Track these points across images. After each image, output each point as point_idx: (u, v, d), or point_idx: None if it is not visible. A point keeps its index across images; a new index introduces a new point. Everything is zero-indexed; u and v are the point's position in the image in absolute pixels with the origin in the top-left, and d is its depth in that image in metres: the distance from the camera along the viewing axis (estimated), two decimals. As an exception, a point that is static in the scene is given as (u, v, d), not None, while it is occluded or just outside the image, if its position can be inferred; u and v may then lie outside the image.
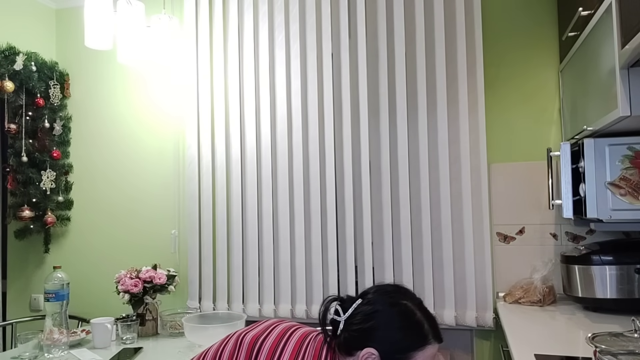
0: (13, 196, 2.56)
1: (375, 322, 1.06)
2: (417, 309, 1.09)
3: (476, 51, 2.25)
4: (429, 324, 1.08)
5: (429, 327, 1.07)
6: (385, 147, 2.33)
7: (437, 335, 1.09)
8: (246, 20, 2.51)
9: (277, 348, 1.07)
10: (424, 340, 1.06)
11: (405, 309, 1.08)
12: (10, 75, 2.42)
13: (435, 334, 1.08)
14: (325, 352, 1.10)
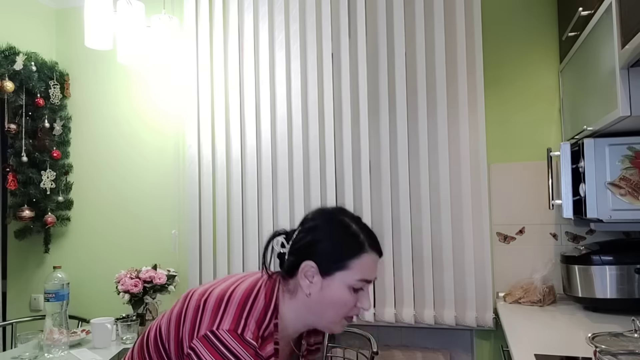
0: (13, 196, 2.56)
1: (312, 236, 1.08)
2: (354, 222, 1.09)
3: (476, 51, 2.25)
4: (366, 235, 1.08)
5: (365, 237, 1.07)
6: (385, 147, 2.33)
7: (374, 246, 1.08)
8: (246, 20, 2.51)
9: (225, 294, 1.06)
10: (360, 249, 1.06)
11: (341, 222, 1.09)
12: (10, 75, 2.42)
13: (372, 244, 1.08)
14: (276, 289, 1.11)
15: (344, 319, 1.08)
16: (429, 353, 2.31)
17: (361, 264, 1.06)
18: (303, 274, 1.06)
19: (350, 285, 1.05)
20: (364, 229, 1.10)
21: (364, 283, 1.06)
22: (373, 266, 1.08)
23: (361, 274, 1.05)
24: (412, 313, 2.27)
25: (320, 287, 1.06)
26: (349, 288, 1.05)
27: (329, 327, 1.09)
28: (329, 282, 1.05)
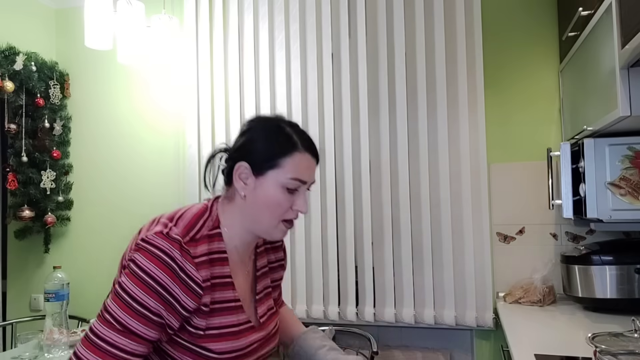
0: (13, 196, 2.56)
1: (246, 137, 1.09)
2: (289, 126, 1.09)
3: (476, 51, 2.25)
4: (299, 137, 1.08)
5: (299, 138, 1.07)
6: (385, 147, 2.33)
7: (308, 147, 1.08)
8: (246, 20, 2.51)
9: (175, 215, 1.06)
10: (292, 148, 1.05)
11: (275, 124, 1.09)
12: (10, 75, 2.42)
13: (305, 145, 1.07)
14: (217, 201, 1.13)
15: (281, 222, 1.07)
16: (429, 353, 2.31)
17: (293, 162, 1.05)
18: (237, 176, 1.06)
19: (283, 184, 1.04)
20: (299, 132, 1.10)
21: (297, 183, 1.05)
22: (307, 167, 1.07)
23: (293, 172, 1.05)
24: (412, 313, 2.27)
25: (254, 188, 1.05)
26: (282, 187, 1.04)
27: (269, 231, 1.08)
28: (262, 181, 1.05)
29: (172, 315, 0.96)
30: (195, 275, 0.97)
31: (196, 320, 1.00)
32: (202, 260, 1.00)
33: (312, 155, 1.09)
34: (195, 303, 0.98)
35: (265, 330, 1.13)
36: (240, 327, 1.06)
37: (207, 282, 1.00)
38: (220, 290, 1.04)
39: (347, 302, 2.36)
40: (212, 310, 1.02)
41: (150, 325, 0.93)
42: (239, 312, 1.06)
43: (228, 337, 1.03)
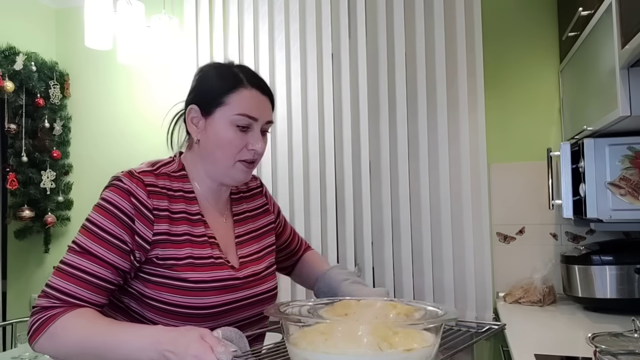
0: (13, 196, 2.56)
1: (195, 81, 1.12)
2: (237, 67, 1.10)
3: (476, 51, 2.25)
4: (245, 74, 1.08)
5: (245, 76, 1.07)
6: (385, 147, 2.33)
7: (255, 83, 1.07)
8: (246, 20, 2.50)
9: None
10: (238, 84, 1.05)
11: (224, 65, 1.11)
12: (10, 75, 2.42)
13: (252, 81, 1.07)
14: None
15: (239, 163, 1.07)
16: (429, 353, 2.31)
17: (240, 98, 1.05)
18: (190, 120, 1.09)
19: (232, 121, 1.04)
20: (246, 71, 1.09)
21: (246, 119, 1.05)
22: (255, 103, 1.06)
23: (239, 108, 1.04)
24: (412, 313, 2.27)
25: (204, 129, 1.07)
26: (231, 125, 1.04)
27: (227, 173, 1.08)
28: (211, 121, 1.06)
29: (132, 239, 0.99)
30: (146, 201, 1.01)
31: (161, 251, 1.00)
32: (156, 191, 1.03)
33: (261, 91, 1.08)
34: (148, 230, 1.00)
35: (246, 270, 1.11)
36: (215, 260, 1.05)
37: (163, 212, 1.02)
38: (187, 224, 1.05)
39: (347, 302, 2.36)
40: (179, 242, 1.02)
41: (113, 249, 0.97)
42: (213, 247, 1.07)
43: (202, 268, 1.02)
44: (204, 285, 1.01)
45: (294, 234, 1.39)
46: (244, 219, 1.20)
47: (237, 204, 1.21)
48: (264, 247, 1.20)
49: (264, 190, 1.30)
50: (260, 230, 1.22)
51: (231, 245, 1.13)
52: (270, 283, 1.15)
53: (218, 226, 1.12)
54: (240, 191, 1.23)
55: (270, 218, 1.26)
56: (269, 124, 1.10)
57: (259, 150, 1.07)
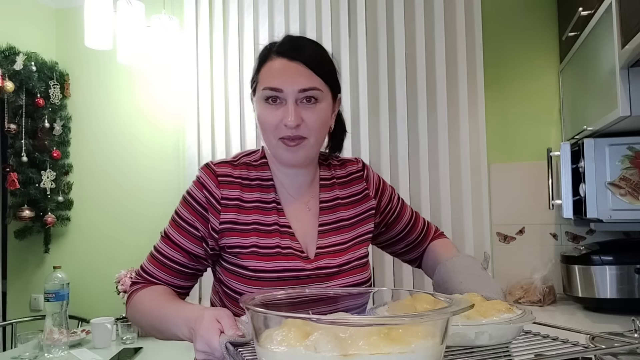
0: (13, 196, 2.56)
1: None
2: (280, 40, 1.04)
3: (476, 51, 2.25)
4: (279, 44, 1.01)
5: (276, 46, 1.01)
6: (385, 147, 2.33)
7: (283, 50, 1.00)
8: (246, 20, 2.50)
9: None
10: (265, 57, 1.02)
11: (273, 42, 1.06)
12: (10, 75, 2.42)
13: (280, 49, 1.00)
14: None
15: (279, 141, 0.99)
16: (429, 353, 2.31)
17: (266, 71, 1.00)
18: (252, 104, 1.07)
19: (262, 97, 0.99)
20: (284, 40, 1.03)
21: (271, 92, 0.98)
22: (279, 71, 0.98)
23: (265, 82, 0.99)
24: (412, 313, 2.27)
25: (255, 111, 1.04)
26: (263, 102, 0.99)
27: (275, 154, 1.03)
28: (255, 101, 1.03)
29: (205, 227, 1.02)
30: (214, 192, 1.02)
31: (228, 240, 1.01)
32: (229, 181, 1.04)
33: (288, 58, 0.99)
34: (216, 219, 1.01)
35: (319, 262, 1.03)
36: (282, 250, 1.02)
37: (233, 201, 1.02)
38: (258, 213, 1.04)
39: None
40: (246, 231, 1.02)
41: (188, 236, 1.03)
42: (284, 237, 1.03)
43: (265, 257, 1.00)
44: (264, 275, 0.99)
45: (414, 223, 1.23)
46: (334, 206, 1.10)
47: (327, 191, 1.12)
48: (355, 236, 1.10)
49: (365, 174, 1.17)
50: (354, 218, 1.11)
51: (312, 235, 1.06)
52: (354, 277, 1.06)
53: (298, 214, 1.07)
54: (334, 177, 1.14)
55: (370, 204, 1.14)
56: (308, 92, 0.98)
57: (290, 124, 0.96)
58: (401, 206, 1.22)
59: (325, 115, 1.01)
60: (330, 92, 1.03)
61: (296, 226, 1.06)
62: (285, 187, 1.08)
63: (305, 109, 0.98)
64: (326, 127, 1.04)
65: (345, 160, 1.18)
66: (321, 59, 1.02)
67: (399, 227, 1.21)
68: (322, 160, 1.15)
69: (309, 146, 1.00)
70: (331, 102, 1.04)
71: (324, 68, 1.01)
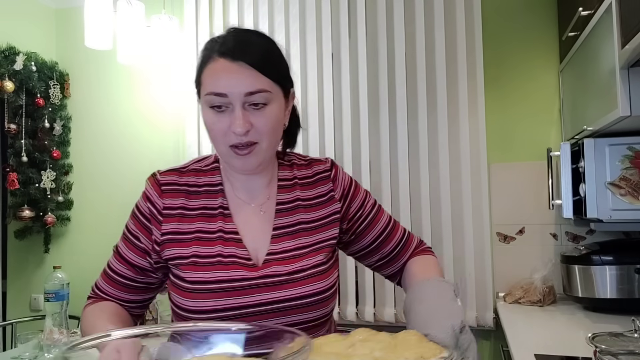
0: (13, 196, 2.56)
1: None
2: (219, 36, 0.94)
3: (476, 51, 2.25)
4: (220, 42, 0.91)
5: (217, 42, 0.92)
6: (385, 147, 2.33)
7: (224, 51, 0.90)
8: (246, 20, 2.50)
9: None
10: (208, 57, 0.92)
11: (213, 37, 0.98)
12: (10, 75, 2.42)
13: (222, 49, 0.90)
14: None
15: (230, 149, 0.92)
16: (429, 353, 2.31)
17: (208, 74, 0.91)
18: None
19: (207, 103, 0.91)
20: (225, 36, 0.93)
21: (215, 98, 0.89)
22: (222, 74, 0.89)
23: (208, 86, 0.90)
24: (412, 313, 2.27)
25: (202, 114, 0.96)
26: (208, 107, 0.91)
27: (227, 162, 0.96)
28: (201, 105, 0.94)
29: (149, 239, 0.99)
30: (156, 202, 1.00)
31: (168, 251, 0.97)
32: (173, 189, 1.01)
33: (231, 58, 0.89)
34: (158, 230, 0.98)
35: (267, 270, 0.94)
36: (224, 259, 0.94)
37: (175, 210, 0.99)
38: (202, 220, 0.98)
39: (347, 302, 2.36)
40: (187, 240, 0.96)
41: (134, 249, 1.01)
42: (228, 244, 0.96)
43: (204, 267, 0.93)
44: (203, 286, 0.92)
45: (390, 233, 1.08)
46: (293, 209, 1.01)
47: (286, 192, 1.03)
48: (315, 242, 0.99)
49: (332, 174, 1.06)
50: (316, 222, 1.01)
51: (264, 241, 0.98)
52: (309, 286, 0.94)
53: (250, 219, 1.00)
54: (296, 177, 1.05)
55: (335, 207, 1.03)
56: (255, 95, 0.89)
57: (239, 131, 0.88)
58: (375, 213, 1.08)
59: (276, 116, 0.93)
60: (281, 90, 0.95)
61: (245, 232, 0.98)
62: (238, 191, 1.02)
63: (254, 112, 0.90)
64: (279, 128, 0.97)
65: (313, 159, 1.09)
66: (268, 57, 0.93)
67: (370, 237, 1.07)
68: (283, 160, 1.08)
69: (261, 151, 0.93)
70: (283, 100, 0.96)
71: (272, 66, 0.92)
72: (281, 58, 0.97)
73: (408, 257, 1.09)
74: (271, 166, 1.04)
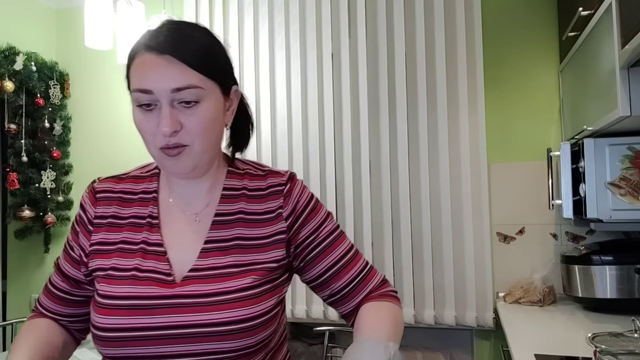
0: (13, 196, 2.56)
1: None
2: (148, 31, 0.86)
3: (476, 51, 2.25)
4: (146, 37, 0.84)
5: (143, 39, 0.84)
6: (385, 147, 2.33)
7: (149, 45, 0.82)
8: (246, 20, 2.51)
9: None
10: (134, 52, 0.84)
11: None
12: (10, 75, 2.42)
13: (147, 43, 0.82)
14: None
15: (160, 151, 0.84)
16: (429, 353, 2.31)
17: (134, 69, 0.83)
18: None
19: (134, 100, 0.83)
20: (151, 31, 0.85)
21: (141, 95, 0.81)
22: (147, 69, 0.81)
23: (134, 82, 0.83)
24: (412, 313, 2.27)
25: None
26: (136, 107, 0.84)
27: (160, 165, 0.89)
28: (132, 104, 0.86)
29: (81, 250, 0.93)
30: (89, 211, 0.94)
31: (92, 262, 0.90)
32: (106, 197, 0.94)
33: (157, 52, 0.81)
34: (87, 240, 0.92)
35: (185, 289, 0.84)
36: (139, 273, 0.86)
37: (106, 219, 0.92)
38: (129, 230, 0.90)
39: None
40: (109, 251, 0.89)
41: (70, 260, 0.96)
42: (148, 257, 0.87)
43: (117, 281, 0.85)
44: (113, 302, 0.83)
45: (345, 267, 0.93)
46: (232, 221, 0.90)
47: (229, 202, 0.92)
48: (252, 262, 0.88)
49: (285, 189, 0.93)
50: (257, 240, 0.90)
51: (192, 254, 0.87)
52: (233, 312, 0.82)
53: (182, 230, 0.90)
54: (245, 188, 0.94)
55: (280, 227, 0.91)
56: (183, 91, 0.81)
57: (165, 132, 0.80)
58: (331, 242, 0.94)
59: (211, 115, 0.84)
60: (217, 86, 0.86)
61: (173, 244, 0.89)
62: (175, 197, 0.93)
63: (184, 111, 0.82)
64: (215, 129, 0.87)
65: (272, 172, 0.97)
66: (201, 50, 0.84)
67: (320, 268, 0.94)
68: (236, 168, 0.97)
69: (194, 153, 0.84)
70: (221, 98, 0.87)
71: (203, 60, 0.83)
72: (218, 52, 0.89)
73: (363, 297, 0.94)
74: (214, 171, 0.94)
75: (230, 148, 1.00)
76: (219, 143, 0.93)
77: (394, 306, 0.93)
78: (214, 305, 0.82)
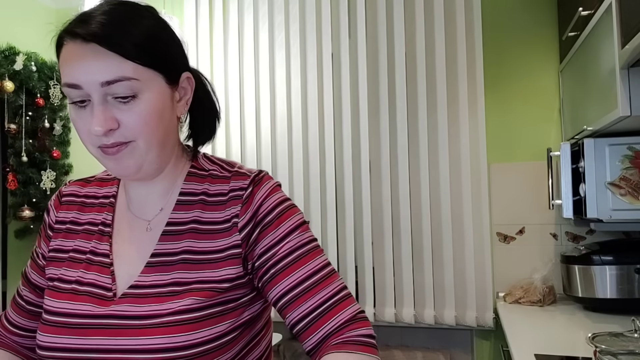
0: (13, 196, 2.56)
1: None
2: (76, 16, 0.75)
3: (476, 51, 2.25)
4: (71, 22, 0.73)
5: (69, 24, 0.73)
6: (385, 147, 2.33)
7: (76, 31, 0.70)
8: (246, 20, 2.51)
9: None
10: (60, 40, 0.74)
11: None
12: (10, 75, 2.42)
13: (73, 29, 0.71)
14: None
15: (98, 150, 0.73)
16: (429, 353, 2.31)
17: (62, 61, 0.73)
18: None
19: (67, 96, 0.73)
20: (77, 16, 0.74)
21: (71, 90, 0.71)
22: (75, 60, 0.70)
23: (63, 76, 0.72)
24: (412, 313, 2.27)
25: None
26: (70, 103, 0.73)
27: (104, 166, 0.77)
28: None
29: (42, 255, 0.87)
30: (51, 216, 0.88)
31: (47, 270, 0.85)
32: (70, 201, 0.88)
33: (83, 39, 0.69)
34: (47, 245, 0.87)
35: (119, 307, 0.74)
36: (78, 287, 0.78)
37: (65, 225, 0.86)
38: (83, 237, 0.83)
39: (347, 302, 2.36)
40: (62, 260, 0.83)
41: (35, 267, 0.89)
42: (91, 268, 0.79)
43: (59, 294, 0.78)
44: (51, 318, 0.77)
45: (306, 293, 0.75)
46: (183, 232, 0.79)
47: (183, 210, 0.81)
48: (196, 280, 0.75)
49: (245, 194, 0.79)
50: (206, 255, 0.77)
51: (137, 268, 0.78)
52: (163, 337, 0.70)
53: (134, 239, 0.81)
54: (205, 192, 0.81)
55: (234, 239, 0.78)
56: (115, 84, 0.69)
57: (96, 132, 0.70)
58: (297, 259, 0.77)
59: (151, 109, 0.72)
60: (161, 76, 0.74)
61: (121, 255, 0.80)
62: (131, 202, 0.84)
63: (120, 107, 0.71)
64: (162, 124, 0.74)
65: (238, 173, 0.82)
66: (137, 34, 0.71)
67: (279, 290, 0.76)
68: (199, 168, 0.84)
69: (139, 150, 0.73)
70: (166, 88, 0.75)
71: (140, 47, 0.71)
72: (161, 37, 0.75)
73: (330, 331, 0.74)
74: (171, 172, 0.82)
75: (191, 142, 0.88)
76: (169, 139, 0.78)
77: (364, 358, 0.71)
78: (146, 329, 0.71)
